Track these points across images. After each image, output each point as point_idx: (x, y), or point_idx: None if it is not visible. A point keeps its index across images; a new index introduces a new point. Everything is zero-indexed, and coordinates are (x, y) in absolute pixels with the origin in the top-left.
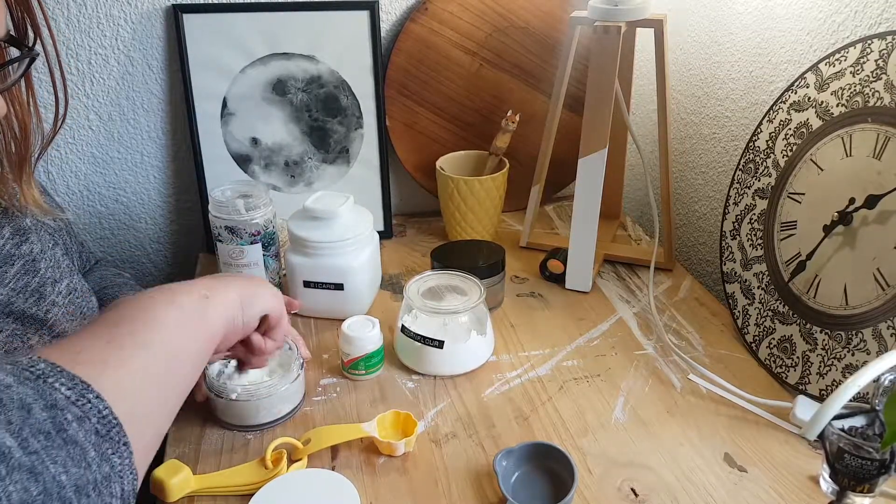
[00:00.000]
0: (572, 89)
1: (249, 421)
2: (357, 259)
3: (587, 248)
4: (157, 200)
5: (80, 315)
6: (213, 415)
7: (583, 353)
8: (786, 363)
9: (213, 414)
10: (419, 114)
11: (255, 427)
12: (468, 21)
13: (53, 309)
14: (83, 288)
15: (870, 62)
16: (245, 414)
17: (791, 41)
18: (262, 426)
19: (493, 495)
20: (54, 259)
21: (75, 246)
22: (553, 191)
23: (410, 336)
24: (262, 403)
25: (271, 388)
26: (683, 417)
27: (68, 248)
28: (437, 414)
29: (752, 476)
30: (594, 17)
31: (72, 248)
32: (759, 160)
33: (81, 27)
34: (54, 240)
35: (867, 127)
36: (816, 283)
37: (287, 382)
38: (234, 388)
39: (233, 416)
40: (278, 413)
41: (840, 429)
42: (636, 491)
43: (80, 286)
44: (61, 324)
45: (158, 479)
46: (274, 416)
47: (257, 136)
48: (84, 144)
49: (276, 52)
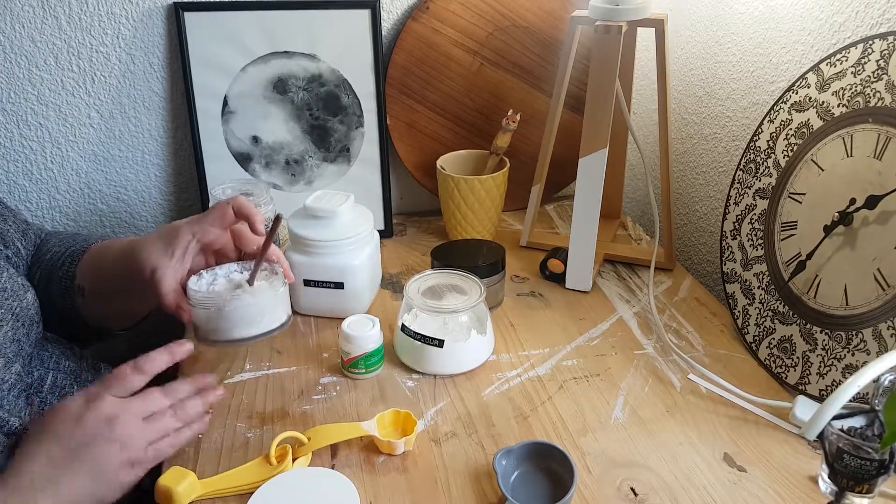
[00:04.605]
0: (573, 89)
1: (236, 334)
2: (357, 258)
3: (587, 248)
4: (157, 198)
5: (12, 317)
6: (200, 335)
7: (583, 352)
8: (786, 363)
9: (200, 335)
10: (420, 113)
11: (244, 340)
12: (469, 20)
13: None
14: (15, 286)
15: (871, 62)
16: (231, 325)
17: (792, 41)
18: (250, 339)
19: (493, 494)
20: None
21: (15, 227)
22: (553, 190)
23: (410, 335)
24: (249, 310)
25: (257, 295)
26: (683, 417)
27: (3, 235)
28: (436, 413)
29: (752, 476)
30: (595, 16)
31: (8, 233)
32: (759, 160)
33: (83, 25)
34: None
35: (868, 127)
36: (817, 283)
37: (274, 290)
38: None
39: (220, 330)
40: (268, 325)
41: (839, 429)
42: (635, 490)
43: (10, 284)
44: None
45: (164, 488)
46: (264, 328)
47: (258, 135)
48: (85, 142)
49: (276, 50)
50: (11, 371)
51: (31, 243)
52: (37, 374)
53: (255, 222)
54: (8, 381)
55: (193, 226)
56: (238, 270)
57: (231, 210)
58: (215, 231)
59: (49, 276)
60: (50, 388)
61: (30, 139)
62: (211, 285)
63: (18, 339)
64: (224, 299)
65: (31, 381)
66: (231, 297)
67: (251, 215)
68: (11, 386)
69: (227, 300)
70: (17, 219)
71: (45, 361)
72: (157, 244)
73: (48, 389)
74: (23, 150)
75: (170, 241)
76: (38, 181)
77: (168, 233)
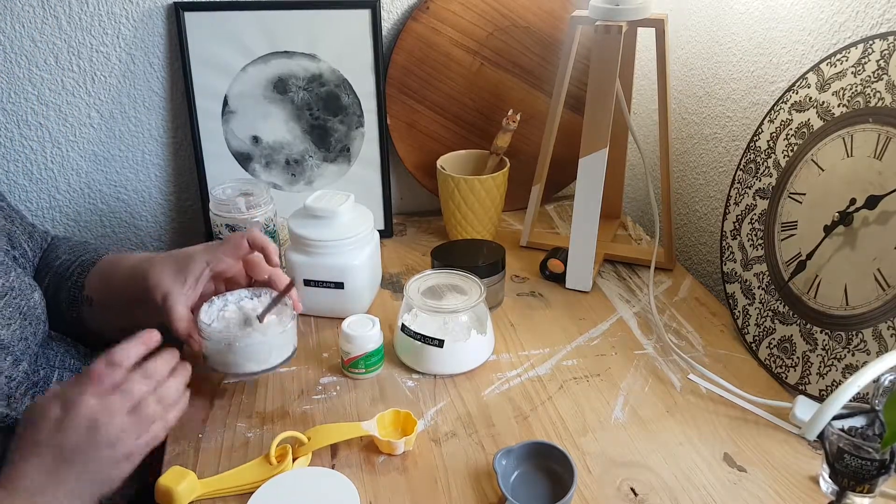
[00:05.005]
0: (573, 89)
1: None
2: (357, 258)
3: (587, 248)
4: (158, 198)
5: (20, 316)
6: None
7: (583, 352)
8: (786, 363)
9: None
10: (420, 113)
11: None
12: (469, 20)
13: None
14: (23, 285)
15: (871, 62)
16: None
17: (792, 41)
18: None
19: (493, 494)
20: None
21: (22, 229)
22: (553, 190)
23: (410, 335)
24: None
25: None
26: (683, 417)
27: (10, 234)
28: (436, 413)
29: (752, 476)
30: (595, 16)
31: (16, 233)
32: (759, 160)
33: (83, 25)
34: None
35: (868, 127)
36: (817, 283)
37: (283, 326)
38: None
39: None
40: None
41: (840, 429)
42: (635, 490)
43: (18, 284)
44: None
45: (164, 488)
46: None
47: (258, 135)
48: (85, 142)
49: (277, 50)
50: (19, 369)
51: (38, 246)
52: (42, 372)
53: (269, 253)
54: (16, 379)
55: (207, 254)
56: (249, 297)
57: (246, 242)
58: (229, 261)
59: (58, 283)
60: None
61: (30, 139)
62: (221, 311)
63: (26, 337)
64: (235, 335)
65: (37, 379)
66: (242, 334)
67: (266, 247)
68: (18, 384)
69: (237, 336)
70: (24, 221)
71: (50, 360)
72: (168, 269)
73: None
74: (23, 150)
75: (182, 268)
76: (38, 181)
77: (181, 259)
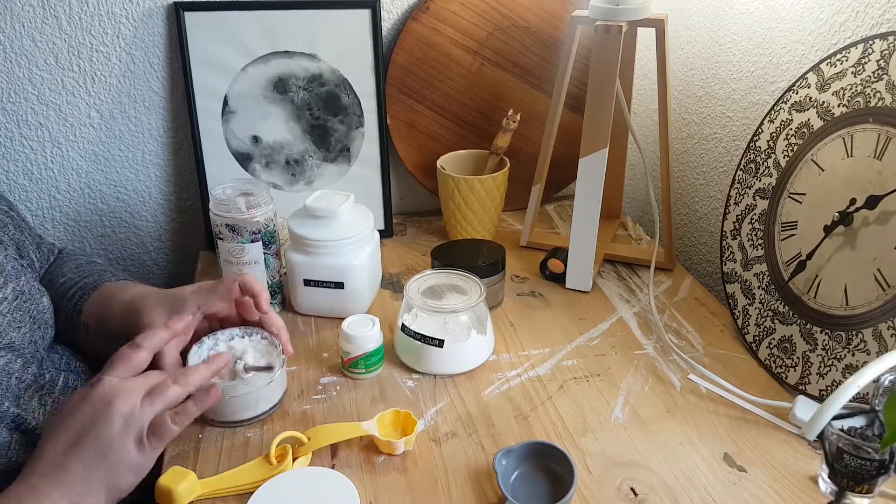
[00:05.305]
0: (573, 89)
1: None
2: (357, 258)
3: (587, 248)
4: (158, 198)
5: (30, 319)
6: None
7: (583, 352)
8: (786, 363)
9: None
10: (420, 113)
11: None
12: (469, 20)
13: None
14: (32, 290)
15: (871, 62)
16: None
17: (792, 41)
18: (245, 421)
19: (493, 494)
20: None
21: (30, 239)
22: (553, 190)
23: (410, 335)
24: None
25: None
26: (683, 417)
27: (19, 243)
28: (436, 413)
29: (752, 476)
30: (595, 16)
31: (24, 242)
32: (759, 160)
33: (83, 25)
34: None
35: (868, 127)
36: (817, 283)
37: (271, 376)
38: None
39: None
40: (263, 408)
41: (839, 429)
42: (636, 490)
43: (28, 288)
44: (7, 334)
45: (164, 488)
46: (260, 410)
47: (258, 135)
48: (85, 142)
49: (277, 50)
50: (28, 371)
51: (45, 258)
52: (48, 375)
53: (260, 301)
54: (25, 381)
55: (199, 297)
56: (240, 335)
57: (238, 286)
58: (220, 305)
59: (59, 302)
60: (62, 389)
61: (30, 139)
62: (212, 350)
63: (35, 340)
64: (222, 385)
65: (43, 382)
66: (230, 386)
67: (257, 294)
68: (27, 386)
69: (225, 386)
70: (33, 232)
71: (56, 363)
72: (160, 311)
73: (60, 391)
74: (23, 150)
75: (174, 311)
76: (38, 181)
77: (173, 301)
